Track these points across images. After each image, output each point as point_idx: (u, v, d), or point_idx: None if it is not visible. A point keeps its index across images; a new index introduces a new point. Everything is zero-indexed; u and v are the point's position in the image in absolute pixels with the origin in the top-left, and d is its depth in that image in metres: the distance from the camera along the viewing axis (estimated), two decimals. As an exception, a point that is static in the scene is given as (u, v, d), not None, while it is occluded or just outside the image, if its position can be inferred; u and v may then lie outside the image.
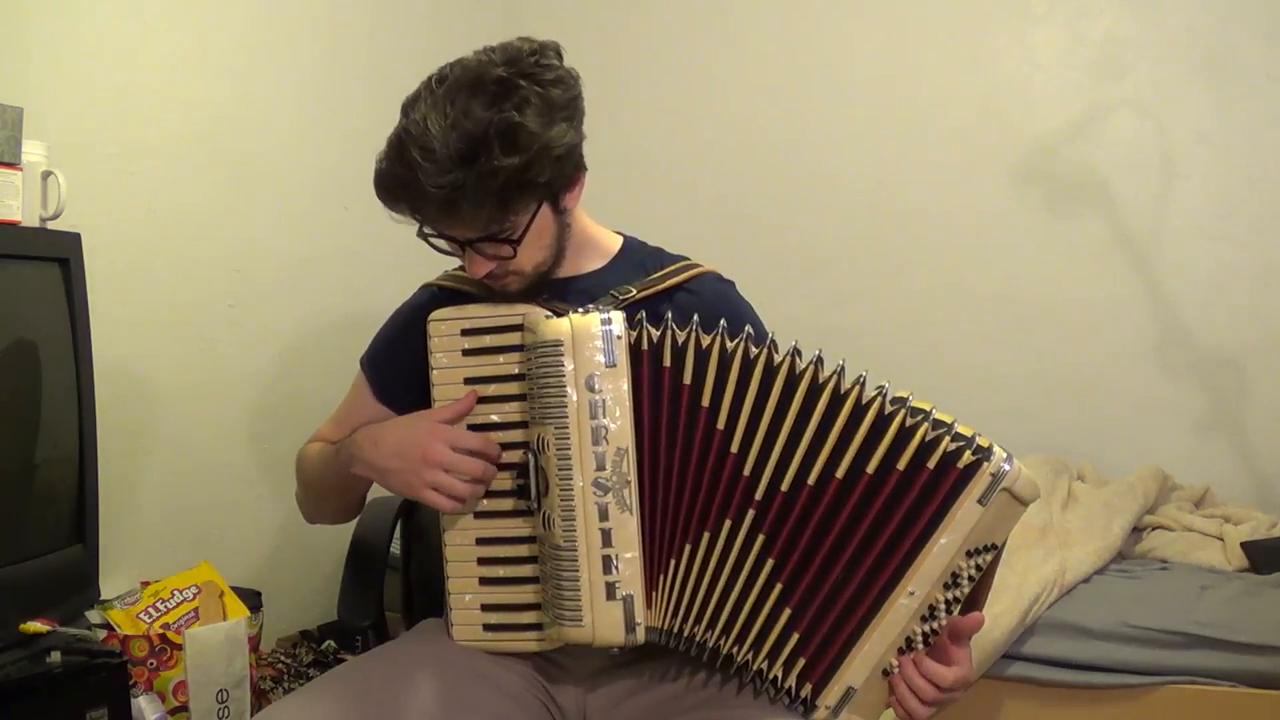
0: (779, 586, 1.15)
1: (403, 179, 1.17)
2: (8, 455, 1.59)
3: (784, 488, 1.15)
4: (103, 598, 1.76)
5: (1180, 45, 2.57)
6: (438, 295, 1.37)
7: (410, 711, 1.18)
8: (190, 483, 2.20)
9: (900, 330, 2.80)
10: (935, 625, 1.15)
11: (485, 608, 1.26)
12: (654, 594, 1.17)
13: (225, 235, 2.25)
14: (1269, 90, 2.51)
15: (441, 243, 1.25)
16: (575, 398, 1.16)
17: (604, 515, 1.15)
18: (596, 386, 1.16)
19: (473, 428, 1.25)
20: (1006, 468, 1.11)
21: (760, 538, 1.15)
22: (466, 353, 1.26)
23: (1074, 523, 2.22)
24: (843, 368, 1.15)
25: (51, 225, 1.75)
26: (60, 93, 1.90)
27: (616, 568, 1.15)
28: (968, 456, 1.10)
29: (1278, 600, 1.97)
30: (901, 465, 1.11)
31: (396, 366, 1.39)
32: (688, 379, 1.16)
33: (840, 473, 1.13)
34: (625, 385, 1.16)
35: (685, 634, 1.18)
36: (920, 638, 1.15)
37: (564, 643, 1.20)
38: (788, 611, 1.15)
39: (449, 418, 1.24)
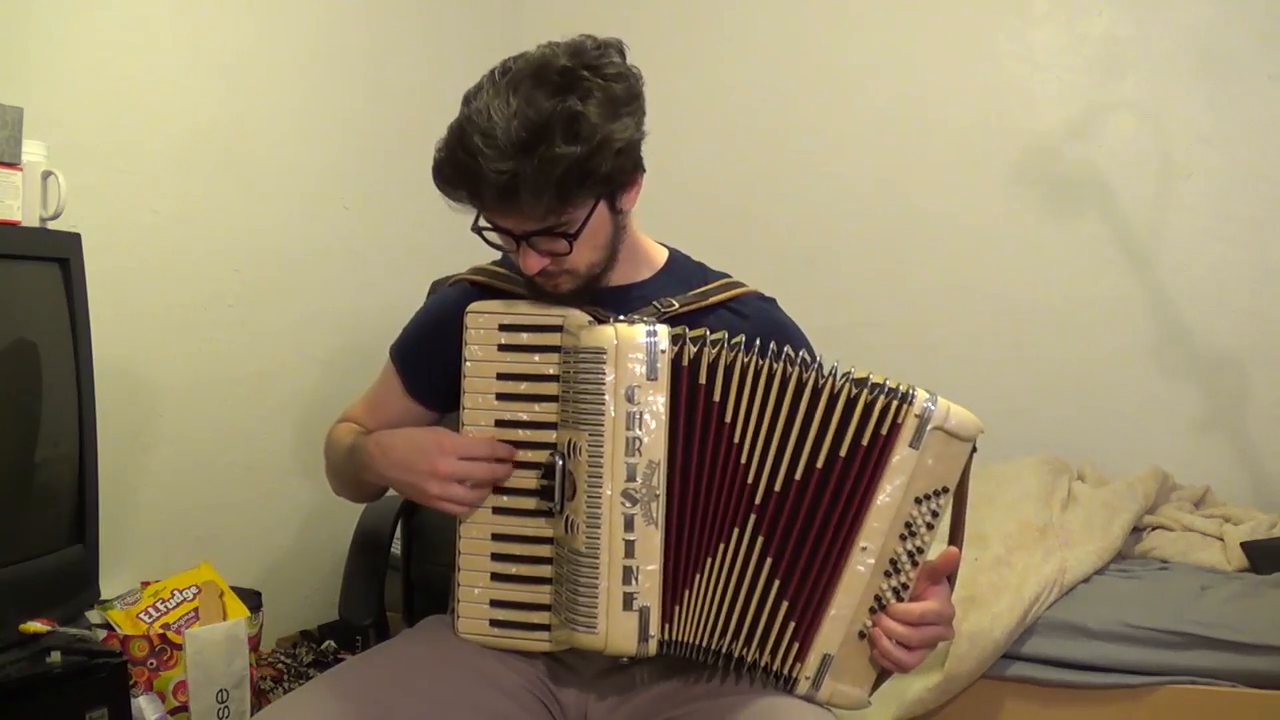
0: (777, 583, 1.17)
1: (463, 165, 1.16)
2: (8, 455, 1.59)
3: (777, 488, 1.17)
4: (103, 598, 1.76)
5: (1180, 45, 2.57)
6: (470, 291, 1.36)
7: (410, 710, 1.18)
8: (190, 483, 2.21)
9: (900, 330, 2.80)
10: (903, 579, 1.17)
11: (494, 604, 1.26)
12: (678, 609, 1.18)
13: (225, 235, 2.25)
14: (1269, 90, 2.51)
15: (495, 237, 1.24)
16: (613, 407, 1.16)
17: (629, 526, 1.16)
18: (635, 398, 1.16)
19: (500, 424, 1.25)
20: (931, 408, 1.15)
21: (760, 539, 1.17)
22: (502, 348, 1.25)
23: (1074, 523, 2.22)
24: (819, 363, 1.18)
25: (51, 225, 1.75)
26: (60, 93, 1.90)
27: (636, 579, 1.16)
28: (894, 406, 1.15)
29: (1278, 600, 1.97)
30: (865, 440, 1.16)
31: (427, 362, 1.39)
32: (717, 396, 1.18)
33: (820, 463, 1.16)
34: (663, 399, 1.16)
35: (707, 646, 1.19)
36: (890, 593, 1.17)
37: (571, 646, 1.21)
38: (785, 604, 1.18)
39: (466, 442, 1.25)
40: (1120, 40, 2.62)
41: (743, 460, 1.17)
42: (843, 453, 1.16)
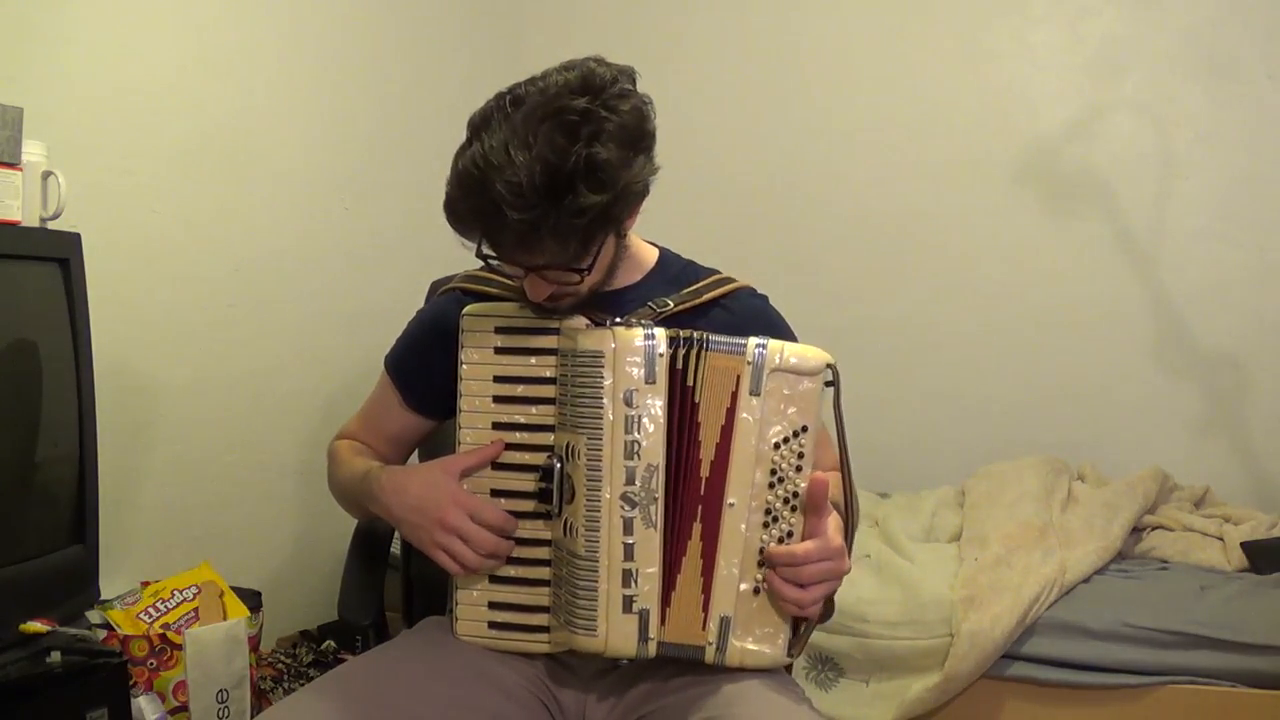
0: (702, 563, 1.19)
1: (483, 210, 1.13)
2: (8, 455, 1.59)
3: (707, 474, 1.19)
4: (103, 598, 1.76)
5: (1180, 45, 2.57)
6: (463, 300, 1.36)
7: (410, 710, 1.18)
8: (190, 482, 2.20)
9: (900, 330, 2.80)
10: (785, 527, 1.18)
11: (493, 605, 1.26)
12: (667, 610, 1.19)
13: (225, 235, 2.25)
14: (1269, 90, 2.51)
15: (502, 264, 1.23)
16: (611, 411, 1.16)
17: (628, 529, 1.16)
18: (634, 402, 1.16)
19: (497, 427, 1.25)
20: (761, 352, 1.17)
21: (701, 527, 1.19)
22: (499, 351, 1.26)
23: (1074, 523, 2.22)
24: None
25: (51, 225, 1.75)
26: (60, 93, 1.90)
27: (636, 582, 1.16)
28: (730, 363, 1.17)
29: (1278, 600, 1.98)
30: (729, 402, 1.18)
31: (423, 373, 1.39)
32: (697, 397, 1.18)
33: (719, 436, 1.18)
34: (661, 402, 1.17)
35: (692, 644, 1.19)
36: (775, 543, 1.18)
37: (570, 648, 1.21)
38: (702, 581, 1.19)
39: (474, 464, 1.25)
40: (1120, 40, 2.62)
41: (699, 455, 1.19)
42: (723, 420, 1.18)
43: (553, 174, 1.10)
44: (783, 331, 1.38)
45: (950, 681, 1.94)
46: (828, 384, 1.19)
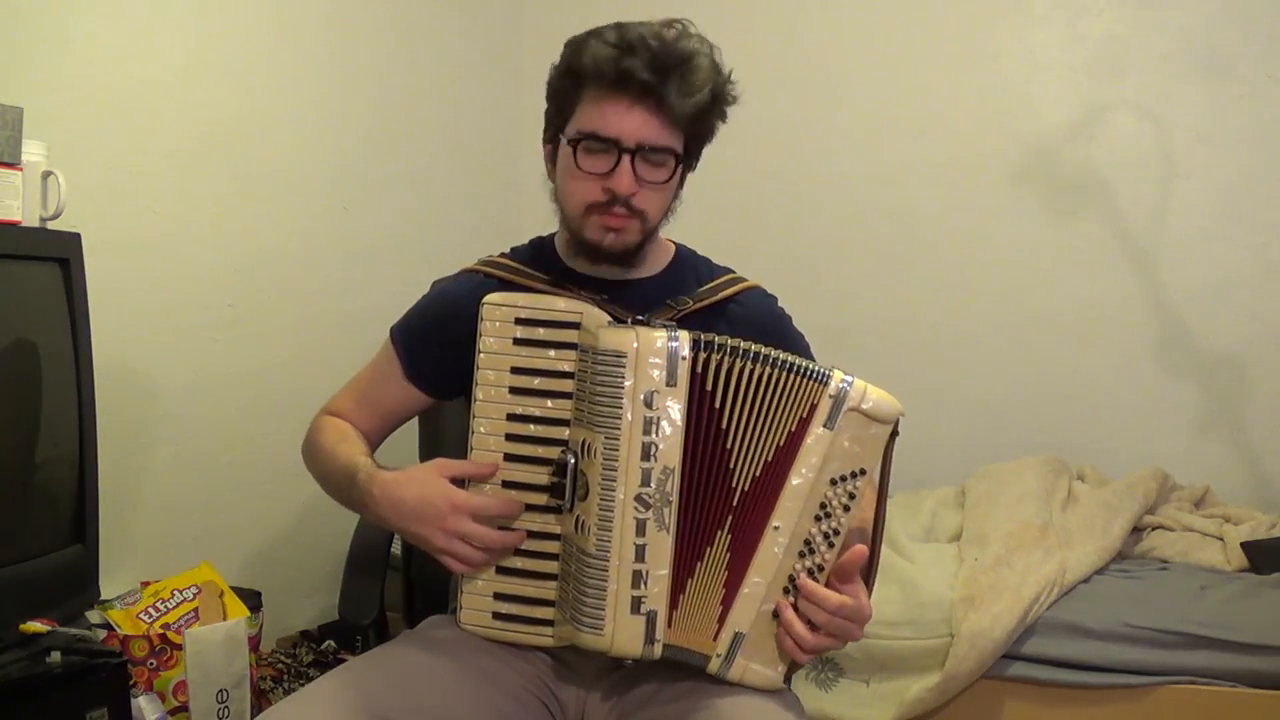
0: (726, 574, 1.19)
1: (620, 47, 1.23)
2: (8, 455, 1.59)
3: (746, 488, 1.18)
4: (103, 598, 1.76)
5: (1180, 45, 2.57)
6: (482, 282, 1.36)
7: (412, 710, 1.18)
8: (190, 482, 2.21)
9: (900, 330, 2.80)
10: (818, 560, 1.18)
11: (498, 596, 1.26)
12: (674, 613, 1.19)
13: (225, 235, 2.25)
14: (1269, 90, 2.51)
15: (591, 156, 1.25)
16: (630, 411, 1.16)
17: (641, 531, 1.16)
18: (653, 404, 1.16)
19: (512, 418, 1.25)
20: (846, 388, 1.17)
21: (729, 538, 1.19)
22: (517, 341, 1.25)
23: (1074, 523, 2.22)
24: (783, 360, 1.19)
25: (51, 225, 1.75)
26: (60, 93, 1.90)
27: (645, 583, 1.16)
28: (810, 388, 1.17)
29: (1278, 600, 1.98)
30: (793, 426, 1.17)
31: (431, 347, 1.38)
32: (718, 402, 1.18)
33: (770, 455, 1.18)
34: (680, 405, 1.17)
35: (697, 650, 1.19)
36: (805, 574, 1.18)
37: (572, 644, 1.21)
38: (723, 592, 1.19)
39: (466, 474, 1.24)
40: (1120, 40, 2.62)
41: (730, 465, 1.18)
42: (782, 442, 1.17)
43: (678, 47, 1.24)
44: (790, 330, 1.40)
45: (950, 681, 1.94)
46: (893, 434, 1.19)
